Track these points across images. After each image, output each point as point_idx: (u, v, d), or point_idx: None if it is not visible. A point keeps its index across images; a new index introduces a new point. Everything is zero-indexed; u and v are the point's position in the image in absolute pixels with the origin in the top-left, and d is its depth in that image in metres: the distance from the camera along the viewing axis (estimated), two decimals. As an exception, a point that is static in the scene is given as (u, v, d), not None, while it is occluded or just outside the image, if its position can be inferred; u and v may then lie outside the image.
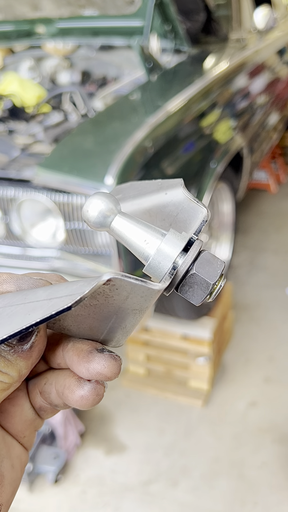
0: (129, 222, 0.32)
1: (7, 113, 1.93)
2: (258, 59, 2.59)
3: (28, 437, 0.36)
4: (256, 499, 1.71)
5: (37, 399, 0.35)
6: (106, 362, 0.31)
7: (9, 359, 0.31)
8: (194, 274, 0.31)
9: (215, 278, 0.31)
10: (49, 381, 0.34)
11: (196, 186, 1.75)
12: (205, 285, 0.31)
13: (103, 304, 0.30)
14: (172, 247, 0.31)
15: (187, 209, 0.34)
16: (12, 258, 1.53)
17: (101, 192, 0.31)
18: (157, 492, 1.75)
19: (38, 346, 0.31)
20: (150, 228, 0.32)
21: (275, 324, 2.51)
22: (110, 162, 1.32)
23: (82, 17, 2.28)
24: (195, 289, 0.31)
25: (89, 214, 0.31)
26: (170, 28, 2.16)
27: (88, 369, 0.31)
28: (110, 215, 0.31)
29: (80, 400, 0.32)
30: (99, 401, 0.32)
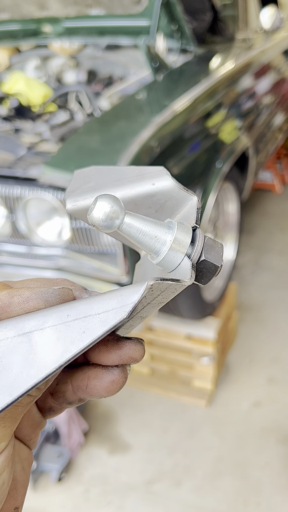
0: (136, 222, 0.32)
1: (13, 112, 1.93)
2: (264, 59, 2.58)
3: (34, 439, 0.37)
4: (260, 499, 1.71)
5: (47, 401, 0.36)
6: (136, 347, 0.34)
7: None
8: (204, 260, 0.33)
9: (220, 261, 0.34)
10: (62, 381, 0.36)
11: (201, 185, 1.74)
12: (213, 268, 0.33)
13: None
14: (182, 242, 0.33)
15: (176, 197, 0.35)
16: (17, 256, 1.53)
17: (105, 194, 0.31)
18: (161, 492, 1.75)
19: None
20: (155, 223, 0.33)
21: (280, 324, 2.50)
22: (116, 161, 1.32)
23: (88, 16, 2.28)
24: (205, 273, 0.34)
25: (94, 215, 0.30)
26: (177, 28, 2.16)
27: (120, 355, 0.33)
28: (118, 216, 0.31)
29: (111, 385, 0.34)
30: (124, 383, 0.35)
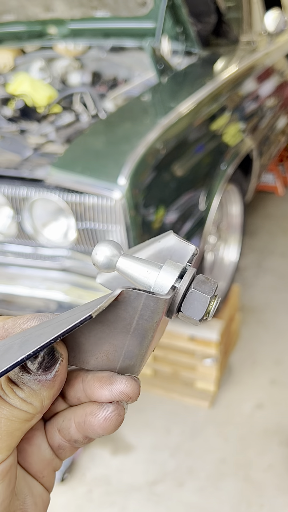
0: (130, 261, 0.36)
1: (18, 113, 1.94)
2: (268, 62, 2.59)
3: (47, 477, 0.37)
4: (262, 501, 1.71)
5: (55, 438, 0.36)
6: (127, 382, 0.34)
7: (33, 388, 0.32)
8: (193, 291, 0.35)
9: (211, 293, 0.35)
10: (67, 418, 0.36)
11: (206, 188, 1.75)
12: (203, 299, 0.35)
13: (117, 322, 0.33)
14: (170, 274, 0.35)
15: (178, 250, 0.39)
16: (23, 257, 1.54)
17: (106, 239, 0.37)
18: (163, 493, 1.76)
19: (60, 375, 0.33)
20: (149, 262, 0.37)
21: (282, 326, 2.51)
22: (123, 163, 1.32)
23: (94, 18, 2.29)
24: (195, 305, 0.35)
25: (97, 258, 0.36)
26: (182, 30, 2.17)
27: (111, 391, 0.34)
28: (114, 258, 0.36)
29: (104, 422, 0.34)
30: (121, 422, 0.35)
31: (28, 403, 0.32)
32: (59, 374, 0.33)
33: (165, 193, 1.50)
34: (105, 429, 0.34)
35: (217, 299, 0.36)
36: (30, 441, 0.36)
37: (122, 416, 0.34)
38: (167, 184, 1.51)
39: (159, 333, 0.37)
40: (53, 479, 0.37)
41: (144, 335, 0.34)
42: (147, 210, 1.39)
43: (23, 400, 0.32)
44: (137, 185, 1.31)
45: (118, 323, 0.33)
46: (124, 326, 0.33)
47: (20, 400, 0.31)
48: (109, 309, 0.32)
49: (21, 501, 0.34)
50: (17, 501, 0.34)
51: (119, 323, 0.33)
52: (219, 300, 0.36)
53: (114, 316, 0.33)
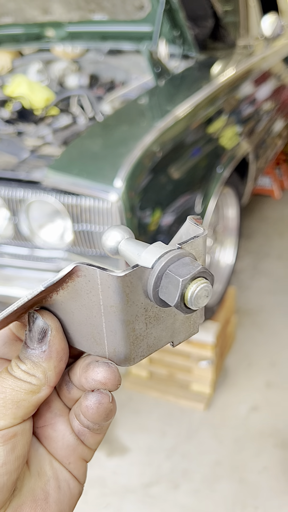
0: (129, 244, 0.36)
1: (16, 115, 1.95)
2: (265, 66, 2.61)
3: (74, 464, 0.37)
4: (257, 503, 1.72)
5: (75, 424, 0.37)
6: (99, 369, 0.34)
7: (34, 361, 0.34)
8: (167, 273, 0.33)
9: (186, 275, 0.32)
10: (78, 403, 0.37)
11: (202, 190, 1.76)
12: (176, 282, 0.32)
13: (87, 302, 0.33)
14: (152, 253, 0.34)
15: (192, 233, 0.38)
16: (19, 258, 1.54)
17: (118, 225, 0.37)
18: (158, 495, 1.76)
19: (54, 346, 0.34)
20: (144, 245, 0.36)
21: (278, 329, 2.52)
22: (119, 165, 1.33)
23: (91, 21, 2.30)
24: (169, 288, 0.33)
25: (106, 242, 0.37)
26: (179, 34, 2.18)
27: (86, 379, 0.35)
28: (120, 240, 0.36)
29: (87, 411, 0.35)
30: (105, 411, 0.35)
31: (30, 375, 0.34)
32: (53, 344, 0.34)
33: (161, 195, 1.51)
34: (90, 417, 0.35)
35: (200, 284, 0.32)
36: (54, 427, 0.38)
37: (104, 404, 0.35)
38: (164, 187, 1.52)
39: (154, 325, 0.35)
40: (82, 468, 0.38)
41: (116, 318, 0.33)
42: (143, 212, 1.39)
43: (26, 372, 0.34)
44: (134, 187, 1.32)
45: (89, 303, 0.33)
46: (95, 305, 0.33)
47: (23, 373, 0.34)
48: (75, 288, 0.33)
49: (43, 481, 0.36)
50: (39, 481, 0.35)
51: (90, 303, 0.33)
52: (204, 285, 0.32)
53: (83, 294, 0.33)
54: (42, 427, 0.38)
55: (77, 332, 0.36)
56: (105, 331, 0.34)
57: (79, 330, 0.35)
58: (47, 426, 0.38)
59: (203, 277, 0.33)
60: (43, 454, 0.37)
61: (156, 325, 0.36)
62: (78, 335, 0.36)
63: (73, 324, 0.35)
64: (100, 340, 0.35)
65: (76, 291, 0.33)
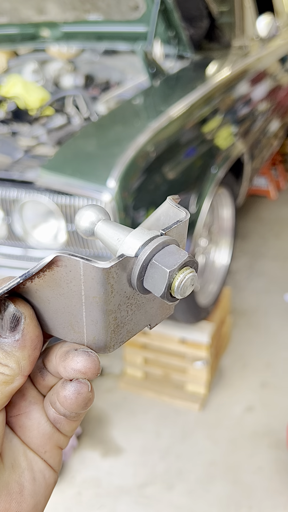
0: (107, 226, 0.34)
1: (10, 115, 1.94)
2: (260, 67, 2.61)
3: (49, 453, 0.37)
4: (251, 503, 1.72)
5: (50, 412, 0.36)
6: (79, 358, 0.33)
7: (6, 350, 0.32)
8: (153, 263, 0.32)
9: (173, 266, 0.31)
10: (55, 391, 0.36)
11: (196, 191, 1.76)
12: (163, 273, 0.31)
13: (67, 292, 0.32)
14: (135, 240, 0.33)
15: (172, 216, 0.36)
16: (13, 259, 1.54)
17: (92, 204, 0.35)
18: (153, 495, 1.76)
19: (28, 334, 0.33)
20: (124, 228, 0.34)
21: (273, 329, 2.52)
22: (112, 165, 1.33)
23: (86, 21, 2.30)
24: (156, 279, 0.32)
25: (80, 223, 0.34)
26: (174, 34, 2.18)
27: (65, 368, 0.33)
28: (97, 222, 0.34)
29: (65, 401, 0.34)
30: (84, 400, 0.34)
31: (3, 365, 0.32)
32: (27, 333, 0.33)
33: (155, 195, 1.51)
34: (68, 407, 0.34)
35: (187, 274, 0.32)
36: (29, 416, 0.36)
37: (82, 394, 0.34)
38: (158, 187, 1.52)
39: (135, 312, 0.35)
40: (57, 456, 0.37)
41: (99, 308, 0.32)
42: (137, 212, 1.39)
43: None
44: (127, 187, 1.32)
45: (68, 293, 0.32)
46: (75, 295, 0.32)
47: None
48: (54, 277, 0.31)
49: (17, 474, 0.35)
50: (13, 473, 0.34)
51: (68, 292, 0.32)
52: (191, 275, 0.31)
53: (62, 284, 0.31)
54: (15, 416, 0.36)
55: (53, 320, 0.34)
56: (85, 320, 0.33)
57: (55, 318, 0.34)
58: (21, 415, 0.36)
59: (189, 266, 0.32)
60: (17, 444, 0.36)
61: (136, 311, 0.35)
62: (54, 322, 0.34)
63: (48, 312, 0.34)
64: (78, 329, 0.34)
65: (54, 281, 0.32)
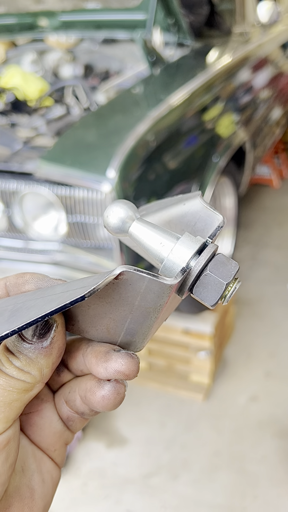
0: (145, 227, 0.33)
1: (9, 106, 1.93)
2: (262, 53, 2.58)
3: (58, 451, 0.36)
4: (256, 492, 1.72)
5: (63, 409, 0.35)
6: (123, 360, 0.32)
7: (30, 357, 0.31)
8: (208, 274, 0.31)
9: (228, 278, 0.31)
10: (73, 389, 0.35)
11: (198, 180, 1.74)
12: (219, 285, 0.31)
13: (118, 301, 0.31)
14: (186, 248, 0.32)
15: (204, 217, 0.35)
16: (14, 251, 1.53)
17: (121, 200, 0.33)
18: (158, 485, 1.76)
19: (57, 342, 0.32)
20: (166, 232, 0.33)
21: (277, 319, 2.51)
22: (112, 155, 1.32)
23: (85, 10, 2.27)
24: (209, 289, 0.32)
25: (109, 220, 0.32)
26: (173, 22, 2.15)
27: (106, 369, 0.32)
28: (129, 221, 0.32)
29: (102, 401, 0.33)
30: (121, 400, 0.33)
31: (25, 372, 0.31)
32: (56, 341, 0.31)
33: (156, 185, 1.49)
34: (104, 407, 0.33)
35: (237, 282, 0.32)
36: (40, 414, 0.35)
37: (121, 395, 0.33)
38: (159, 176, 1.50)
39: (167, 312, 0.34)
40: (63, 453, 0.36)
41: (147, 315, 0.32)
42: (138, 202, 1.38)
43: (20, 369, 0.31)
44: (127, 177, 1.31)
45: (118, 302, 0.31)
46: (126, 304, 0.31)
47: (16, 370, 0.31)
48: (108, 286, 0.30)
49: (27, 477, 0.34)
50: (24, 477, 0.33)
51: (119, 302, 0.31)
52: (239, 284, 0.32)
53: (114, 294, 0.30)
54: (26, 414, 0.35)
55: (86, 322, 0.33)
56: (126, 326, 0.32)
57: (90, 321, 0.33)
58: (33, 413, 0.35)
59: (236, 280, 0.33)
60: (26, 445, 0.35)
61: (165, 314, 0.34)
62: (87, 324, 0.33)
63: (83, 315, 0.33)
64: (115, 332, 0.33)
65: (107, 292, 0.30)
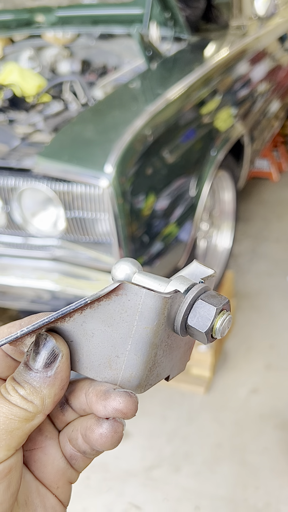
0: (145, 276, 0.37)
1: (7, 103, 1.93)
2: (259, 46, 2.57)
3: (61, 489, 0.36)
4: (258, 483, 1.73)
5: (67, 448, 0.36)
6: (121, 398, 0.33)
7: (34, 386, 0.32)
8: (200, 301, 0.35)
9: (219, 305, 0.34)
10: (76, 428, 0.36)
11: (196, 174, 1.75)
12: (210, 310, 0.34)
13: (118, 323, 0.33)
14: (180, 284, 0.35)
15: (199, 275, 0.39)
16: (13, 247, 1.54)
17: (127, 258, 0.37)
18: (160, 477, 1.78)
19: (61, 373, 0.33)
20: (162, 278, 0.37)
21: (276, 312, 2.52)
22: (109, 150, 1.32)
23: (81, 5, 2.27)
24: (201, 314, 0.34)
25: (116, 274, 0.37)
26: (170, 16, 2.14)
27: (105, 406, 0.33)
28: (132, 274, 0.36)
29: (100, 439, 0.34)
30: (118, 439, 0.34)
31: (28, 401, 0.31)
32: (60, 371, 0.32)
33: (154, 179, 1.50)
34: (102, 445, 0.34)
35: (227, 316, 0.35)
36: (44, 451, 0.36)
37: (119, 433, 0.34)
38: (157, 171, 1.51)
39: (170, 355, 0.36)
40: (68, 491, 0.37)
41: (146, 340, 0.33)
42: (136, 197, 1.39)
43: (24, 398, 0.31)
44: (124, 172, 1.31)
45: (119, 323, 0.33)
46: (125, 326, 0.33)
47: (20, 398, 0.31)
48: (109, 307, 0.32)
49: (31, 511, 0.34)
50: (27, 510, 0.34)
51: (120, 323, 0.33)
52: (229, 319, 0.34)
53: (115, 315, 0.33)
54: (31, 450, 0.36)
55: (89, 356, 0.35)
56: (127, 354, 0.34)
57: (93, 354, 0.34)
58: (37, 449, 0.36)
59: (227, 310, 0.35)
60: (30, 480, 0.35)
61: (168, 354, 0.36)
62: (89, 359, 0.35)
63: (87, 347, 0.34)
64: (116, 365, 0.34)
65: (108, 311, 0.33)
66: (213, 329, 0.34)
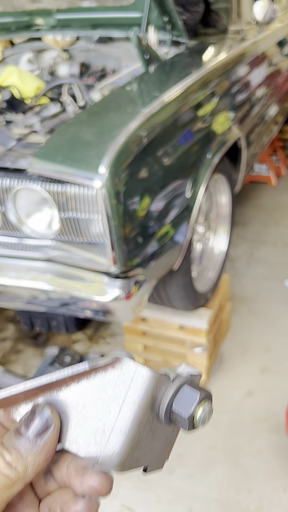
0: None
1: (4, 104, 1.94)
2: (258, 51, 2.58)
3: None
4: (251, 486, 1.73)
5: None
6: (97, 476, 0.33)
7: (21, 452, 0.32)
8: (185, 387, 0.36)
9: (203, 392, 0.36)
10: (55, 500, 0.36)
11: (192, 176, 1.75)
12: (194, 396, 0.36)
13: (110, 397, 0.34)
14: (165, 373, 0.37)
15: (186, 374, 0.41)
16: (8, 247, 1.54)
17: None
18: (153, 480, 1.77)
19: (48, 444, 0.33)
20: None
21: (273, 315, 2.52)
22: (103, 151, 1.33)
23: (80, 8, 2.28)
24: (186, 400, 0.36)
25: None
26: (168, 20, 2.15)
27: (81, 483, 0.34)
28: None
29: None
30: None
31: (12, 468, 0.32)
32: (48, 442, 0.33)
33: (149, 181, 1.50)
34: None
35: (208, 405, 0.36)
36: None
37: (92, 511, 0.34)
38: (152, 173, 1.51)
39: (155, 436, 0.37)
40: None
41: (133, 417, 0.34)
42: (130, 198, 1.39)
43: (8, 464, 0.32)
44: (118, 173, 1.32)
45: (111, 397, 0.34)
46: (116, 400, 0.34)
47: (5, 463, 0.32)
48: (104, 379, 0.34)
49: None
50: None
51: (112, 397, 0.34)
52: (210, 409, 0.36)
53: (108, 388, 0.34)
54: None
55: (75, 429, 0.35)
56: (111, 430, 0.34)
57: (79, 427, 0.35)
58: None
59: (209, 400, 0.37)
60: None
61: (150, 440, 0.37)
62: (74, 432, 0.35)
63: (75, 419, 0.35)
64: (101, 440, 0.34)
65: (102, 384, 0.34)
66: (195, 416, 0.35)
